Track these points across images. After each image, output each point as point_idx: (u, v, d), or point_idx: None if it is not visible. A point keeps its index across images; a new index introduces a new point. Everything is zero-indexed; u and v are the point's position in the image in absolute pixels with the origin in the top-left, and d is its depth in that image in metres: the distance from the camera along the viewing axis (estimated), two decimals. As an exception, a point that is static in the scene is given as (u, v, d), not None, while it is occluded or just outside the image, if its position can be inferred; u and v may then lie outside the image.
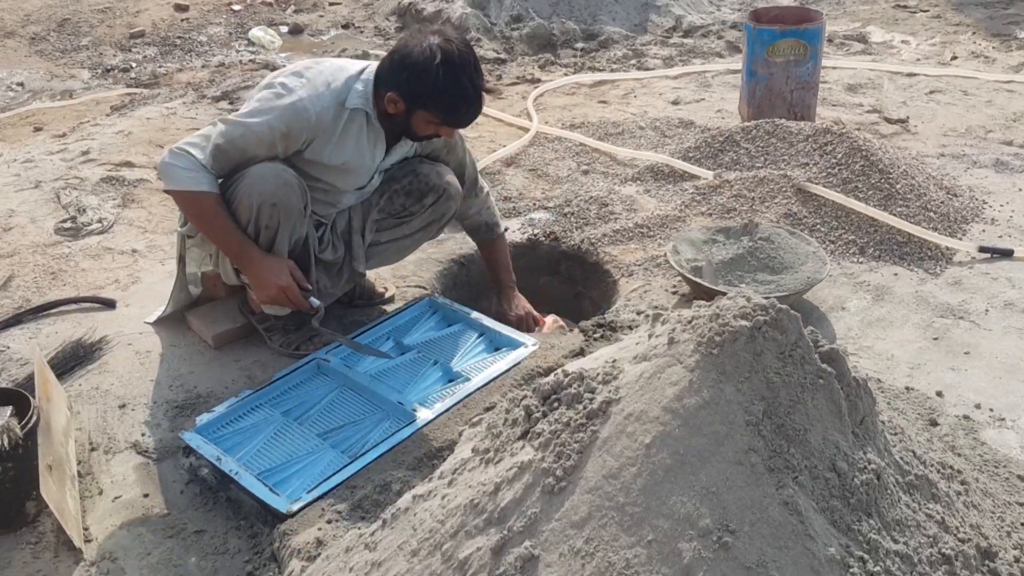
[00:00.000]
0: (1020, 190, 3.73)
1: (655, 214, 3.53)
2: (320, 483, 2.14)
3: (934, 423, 2.36)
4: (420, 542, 1.63)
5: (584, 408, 1.58)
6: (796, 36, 4.15)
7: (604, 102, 5.01)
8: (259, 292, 2.53)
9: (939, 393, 2.55)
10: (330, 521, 2.02)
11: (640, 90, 5.19)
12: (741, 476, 1.44)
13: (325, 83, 2.47)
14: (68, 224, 3.53)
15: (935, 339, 2.80)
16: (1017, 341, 2.78)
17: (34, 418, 2.12)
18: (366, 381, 2.53)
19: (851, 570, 1.42)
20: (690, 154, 3.98)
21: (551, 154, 4.22)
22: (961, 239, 3.32)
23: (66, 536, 2.05)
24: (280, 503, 2.08)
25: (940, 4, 6.56)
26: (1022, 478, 2.12)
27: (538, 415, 1.64)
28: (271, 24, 6.69)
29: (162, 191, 3.02)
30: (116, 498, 2.22)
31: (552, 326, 2.90)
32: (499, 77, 5.48)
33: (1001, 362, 2.69)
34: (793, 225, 3.31)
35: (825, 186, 3.46)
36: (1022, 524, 1.85)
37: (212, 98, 5.06)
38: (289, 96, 2.41)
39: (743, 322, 1.53)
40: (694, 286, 2.88)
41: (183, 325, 2.86)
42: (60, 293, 3.08)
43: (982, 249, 3.22)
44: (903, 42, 5.96)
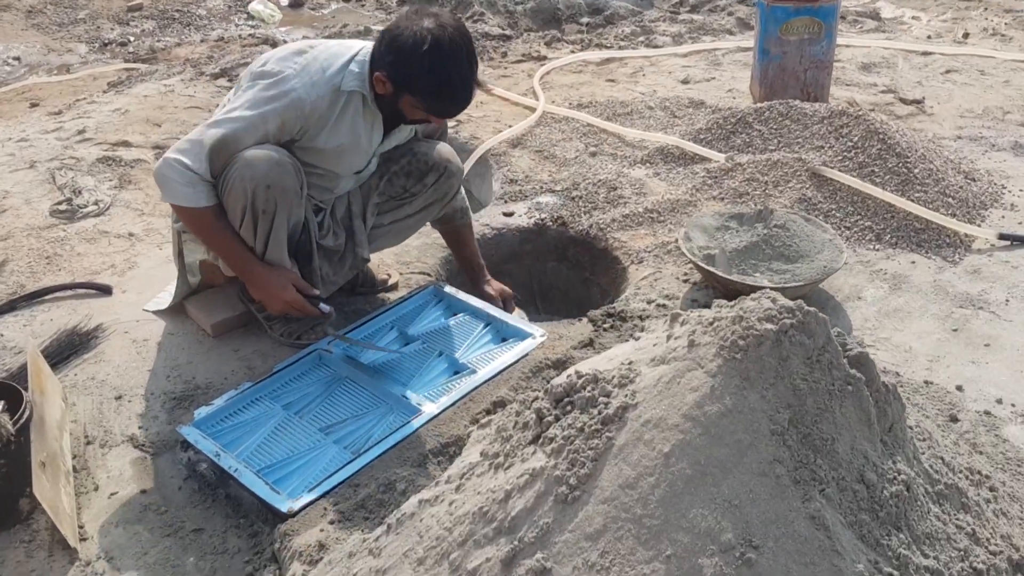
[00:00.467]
0: (1040, 175, 3.64)
1: (665, 198, 3.44)
2: (322, 481, 2.08)
3: (954, 419, 2.29)
4: (427, 550, 1.56)
5: (599, 413, 1.50)
6: (810, 14, 4.04)
7: (612, 80, 4.89)
8: (267, 307, 2.53)
9: (959, 387, 2.47)
10: (332, 522, 1.95)
11: (649, 68, 5.07)
12: (765, 488, 1.37)
13: (320, 70, 2.39)
14: (63, 206, 3.44)
15: (954, 330, 2.72)
16: (1039, 333, 2.70)
17: (27, 413, 2.05)
18: (369, 373, 2.46)
19: (880, 587, 1.35)
20: (701, 136, 3.88)
21: (558, 135, 4.11)
22: (980, 225, 3.23)
23: (60, 534, 1.98)
24: (281, 502, 2.02)
25: (953, -21, 6.43)
26: (1047, 479, 2.05)
27: (550, 419, 1.57)
28: (271, -3, 6.57)
29: (160, 200, 2.99)
30: (112, 494, 2.15)
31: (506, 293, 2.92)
32: (504, 54, 5.37)
33: (1022, 355, 2.61)
34: (807, 210, 3.22)
35: (841, 170, 3.36)
36: (1051, 530, 1.78)
37: (211, 75, 4.95)
38: (283, 86, 2.35)
39: (768, 325, 1.45)
40: (707, 275, 2.80)
41: (181, 313, 2.78)
42: (55, 278, 3.00)
43: (1002, 236, 3.13)
44: (914, 18, 5.83)
